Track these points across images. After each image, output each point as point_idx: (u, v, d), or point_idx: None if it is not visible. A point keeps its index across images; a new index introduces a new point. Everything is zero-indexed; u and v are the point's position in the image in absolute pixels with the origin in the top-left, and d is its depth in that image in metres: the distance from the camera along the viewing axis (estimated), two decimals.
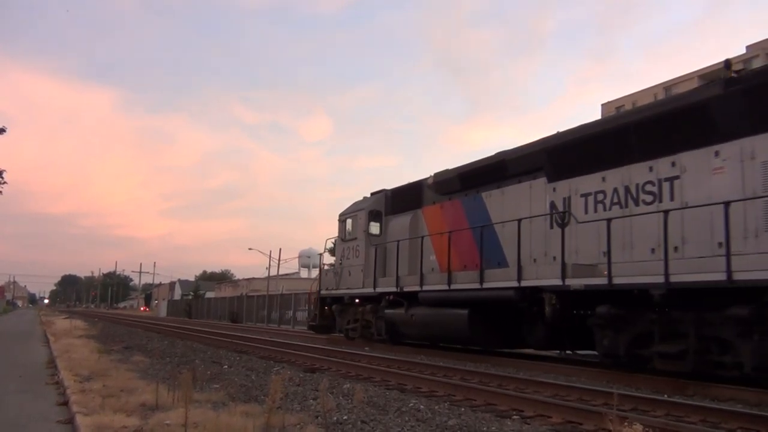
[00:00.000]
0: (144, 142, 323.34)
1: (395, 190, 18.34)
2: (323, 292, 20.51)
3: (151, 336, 21.90)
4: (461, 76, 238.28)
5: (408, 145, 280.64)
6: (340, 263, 19.74)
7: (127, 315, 64.00)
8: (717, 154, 9.62)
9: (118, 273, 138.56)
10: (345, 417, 6.46)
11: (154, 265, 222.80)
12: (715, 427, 6.33)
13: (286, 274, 68.18)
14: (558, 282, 11.28)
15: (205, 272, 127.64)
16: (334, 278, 19.92)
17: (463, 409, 7.28)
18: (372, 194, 19.22)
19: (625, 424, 3.86)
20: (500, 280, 12.88)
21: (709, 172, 9.68)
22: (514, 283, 12.36)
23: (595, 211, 11.56)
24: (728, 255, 8.56)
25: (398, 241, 16.62)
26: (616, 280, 10.18)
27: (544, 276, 11.82)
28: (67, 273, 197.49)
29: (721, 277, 8.61)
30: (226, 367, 11.77)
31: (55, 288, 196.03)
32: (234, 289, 77.48)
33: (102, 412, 6.28)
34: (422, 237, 15.93)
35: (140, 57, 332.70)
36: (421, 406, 7.30)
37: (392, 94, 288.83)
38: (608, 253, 10.27)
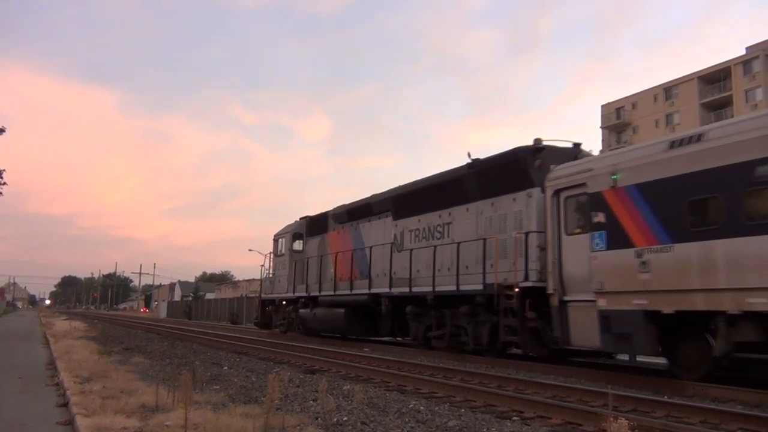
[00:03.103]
0: (144, 143, 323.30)
1: (313, 217, 23.35)
2: (263, 296, 26.26)
3: (151, 337, 21.89)
4: (461, 77, 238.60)
5: (408, 145, 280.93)
6: (274, 273, 25.25)
7: (127, 316, 63.95)
8: (467, 210, 14.83)
9: (118, 274, 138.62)
10: (345, 418, 6.46)
11: (154, 267, 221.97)
12: (716, 428, 6.34)
13: None
14: (387, 290, 17.19)
15: (205, 273, 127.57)
16: (270, 285, 25.44)
17: (463, 410, 7.28)
18: (300, 218, 24.12)
19: (610, 419, 3.89)
20: (362, 288, 18.58)
21: (464, 221, 14.92)
22: (367, 291, 18.20)
23: (416, 242, 16.69)
24: (458, 275, 14.25)
25: (309, 257, 22.32)
26: (414, 290, 16.01)
27: (382, 286, 17.62)
28: (67, 274, 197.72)
29: (453, 287, 14.36)
30: (225, 368, 11.78)
31: (55, 289, 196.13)
32: (234, 290, 77.40)
33: (102, 414, 6.29)
34: (322, 255, 21.45)
35: (140, 58, 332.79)
36: (421, 408, 7.30)
37: (392, 95, 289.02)
38: (410, 271, 16.22)
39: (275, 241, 25.11)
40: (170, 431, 5.57)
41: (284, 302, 24.07)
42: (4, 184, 23.18)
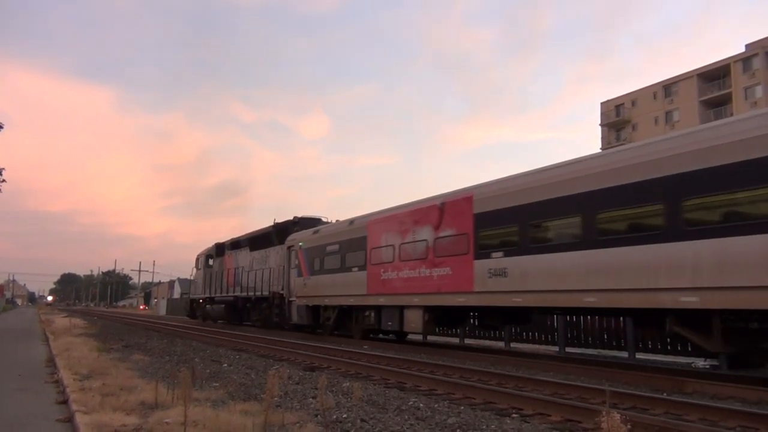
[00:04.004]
0: (142, 140, 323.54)
1: (219, 243, 34.20)
2: (191, 296, 39.18)
3: (151, 334, 21.90)
4: (459, 75, 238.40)
5: (406, 143, 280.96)
6: (195, 280, 37.51)
7: (127, 313, 63.95)
8: (274, 249, 25.98)
9: (117, 271, 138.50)
10: (344, 415, 6.47)
11: (154, 264, 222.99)
12: (714, 425, 6.33)
13: None
14: (240, 294, 29.24)
15: None
16: (194, 288, 37.96)
17: (462, 407, 7.28)
18: (213, 244, 34.80)
19: (603, 414, 3.91)
20: (232, 293, 30.41)
21: (275, 255, 25.59)
22: (232, 294, 30.33)
23: (256, 266, 27.63)
24: (261, 286, 26.44)
25: (214, 271, 33.97)
26: (249, 294, 27.68)
27: (240, 292, 29.18)
28: (67, 271, 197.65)
29: (259, 293, 26.58)
30: (225, 365, 11.77)
31: (54, 286, 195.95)
32: None
33: (101, 411, 6.28)
34: (221, 270, 32.82)
35: (138, 55, 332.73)
36: (421, 405, 7.30)
37: (390, 93, 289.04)
38: (253, 282, 27.28)
39: (197, 258, 36.96)
40: (170, 428, 5.56)
41: (201, 300, 36.04)
42: (4, 181, 23.16)
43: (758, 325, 8.84)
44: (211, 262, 34.60)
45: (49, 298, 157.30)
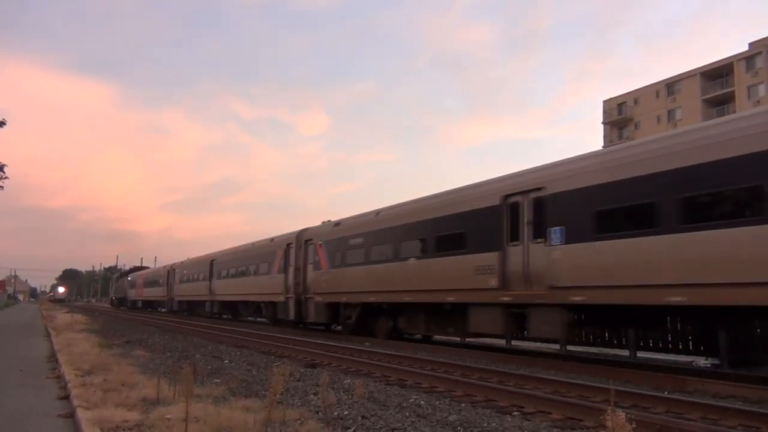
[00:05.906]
0: (142, 137, 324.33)
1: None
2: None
3: (152, 331, 21.93)
4: (459, 72, 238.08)
5: (406, 140, 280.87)
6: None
7: (128, 309, 63.95)
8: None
9: (119, 267, 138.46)
10: (346, 412, 6.47)
11: (155, 260, 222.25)
12: (716, 424, 6.33)
13: None
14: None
15: None
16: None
17: (463, 404, 7.29)
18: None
19: (608, 412, 3.91)
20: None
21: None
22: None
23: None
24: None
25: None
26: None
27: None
28: (68, 267, 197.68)
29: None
30: (226, 361, 11.79)
31: (56, 282, 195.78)
32: None
33: (103, 407, 6.29)
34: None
35: (138, 51, 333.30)
36: (422, 402, 7.31)
37: (390, 90, 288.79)
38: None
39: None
40: (171, 424, 5.56)
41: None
42: (6, 178, 23.14)
43: (451, 307, 14.91)
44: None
45: (61, 290, 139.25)
